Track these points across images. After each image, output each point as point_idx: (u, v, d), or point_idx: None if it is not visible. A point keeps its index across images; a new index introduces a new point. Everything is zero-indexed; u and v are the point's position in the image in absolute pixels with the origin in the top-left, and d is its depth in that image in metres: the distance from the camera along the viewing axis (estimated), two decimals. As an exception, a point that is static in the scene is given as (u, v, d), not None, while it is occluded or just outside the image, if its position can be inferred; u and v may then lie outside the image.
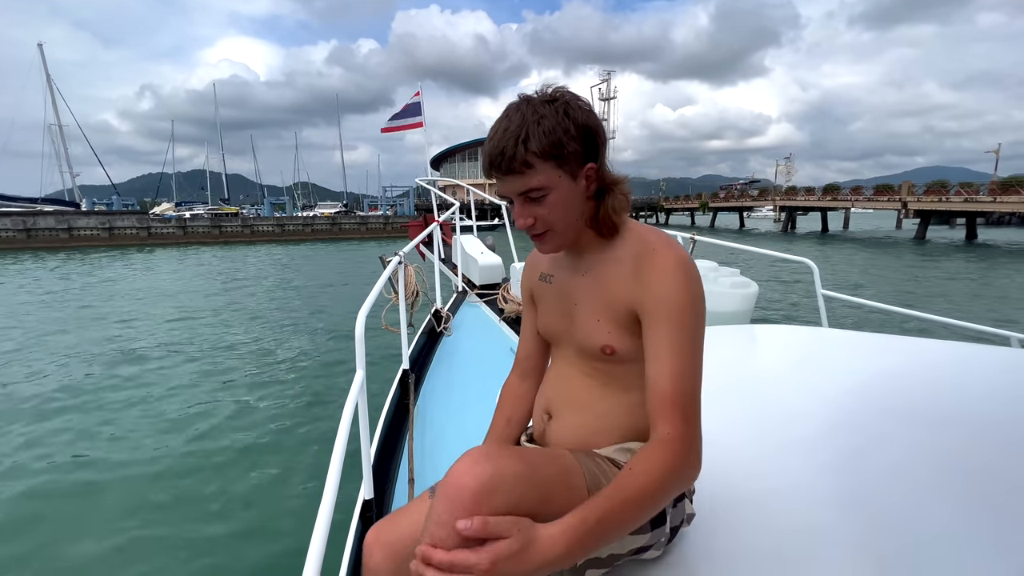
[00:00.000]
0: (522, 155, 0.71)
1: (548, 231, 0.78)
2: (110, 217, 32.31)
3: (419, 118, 8.50)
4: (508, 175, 0.74)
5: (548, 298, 0.91)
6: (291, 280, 15.17)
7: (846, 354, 1.74)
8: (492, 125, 0.76)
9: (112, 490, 3.68)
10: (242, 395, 5.55)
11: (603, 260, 0.82)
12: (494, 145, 0.73)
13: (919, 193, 32.24)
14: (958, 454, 1.02)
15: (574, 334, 0.84)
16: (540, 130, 0.71)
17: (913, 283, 13.95)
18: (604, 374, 0.82)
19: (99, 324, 9.16)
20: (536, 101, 0.74)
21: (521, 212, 0.77)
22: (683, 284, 0.72)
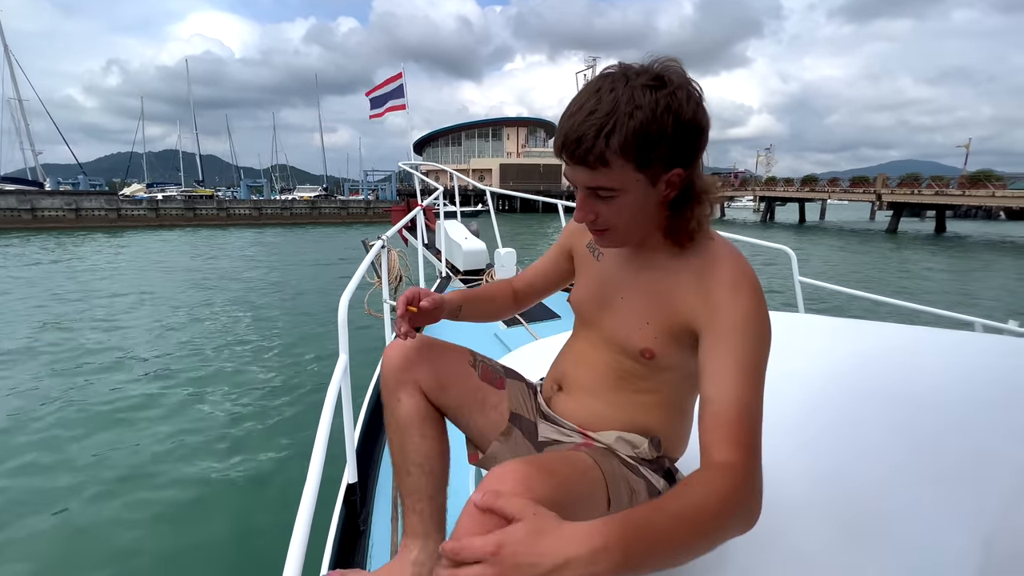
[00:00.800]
0: (601, 149, 0.61)
1: (609, 230, 0.71)
2: (76, 197, 30.94)
3: (402, 100, 8.33)
4: (579, 165, 0.64)
5: (590, 274, 0.87)
6: (270, 264, 14.85)
7: (821, 338, 1.78)
8: (576, 96, 0.65)
9: (87, 474, 3.59)
10: (226, 380, 5.45)
11: (666, 267, 0.75)
12: (572, 127, 0.62)
13: (893, 186, 33.18)
14: (926, 431, 1.06)
15: (608, 325, 0.81)
16: (632, 125, 0.60)
17: (885, 272, 14.42)
18: (629, 371, 0.80)
19: (69, 305, 8.85)
20: (638, 84, 0.61)
21: (583, 206, 0.69)
22: (753, 303, 0.67)
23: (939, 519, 0.81)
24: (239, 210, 34.92)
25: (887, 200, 32.87)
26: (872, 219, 43.95)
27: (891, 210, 33.26)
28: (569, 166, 0.66)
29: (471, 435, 0.91)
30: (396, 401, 0.85)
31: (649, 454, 0.80)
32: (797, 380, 1.40)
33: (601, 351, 0.83)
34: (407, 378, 0.84)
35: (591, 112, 0.61)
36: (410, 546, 0.83)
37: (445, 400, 0.87)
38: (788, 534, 0.81)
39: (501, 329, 2.93)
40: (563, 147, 0.65)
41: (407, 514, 0.84)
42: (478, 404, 0.88)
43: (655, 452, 0.81)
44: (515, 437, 0.88)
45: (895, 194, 32.49)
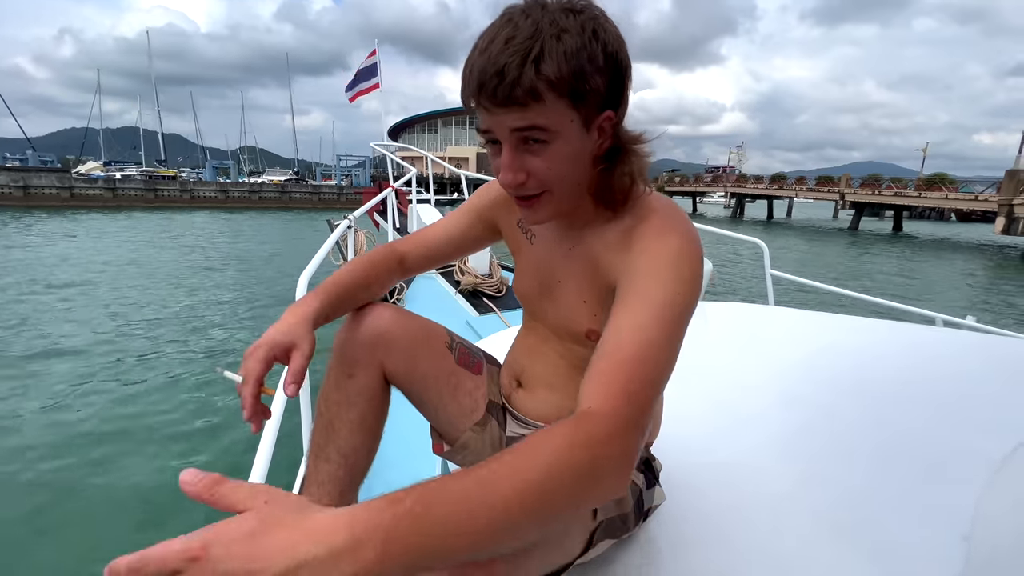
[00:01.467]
0: (531, 79, 0.50)
1: (544, 193, 0.59)
2: (24, 174, 29.02)
3: (376, 79, 8.07)
4: (504, 105, 0.52)
5: (527, 261, 0.78)
6: (233, 248, 14.31)
7: (792, 330, 1.82)
8: (484, 32, 0.54)
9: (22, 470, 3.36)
10: (167, 368, 5.18)
11: (597, 233, 0.66)
12: (489, 59, 0.51)
13: (855, 186, 34.57)
14: (897, 425, 1.07)
15: (552, 314, 0.74)
16: (560, 49, 0.51)
17: (847, 267, 15.03)
18: (580, 357, 0.71)
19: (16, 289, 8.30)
20: (553, 7, 0.53)
21: (511, 162, 0.56)
22: (675, 247, 0.57)
23: (914, 513, 0.81)
24: (204, 192, 33.51)
25: (850, 200, 34.27)
26: (835, 217, 45.74)
27: (853, 209, 34.67)
28: (489, 114, 0.54)
29: (437, 423, 0.84)
30: (347, 377, 0.73)
31: None
32: (770, 372, 1.42)
33: (552, 342, 0.77)
34: (372, 357, 0.74)
35: (509, 39, 0.51)
36: None
37: (413, 383, 0.78)
38: (761, 527, 0.80)
39: (472, 316, 2.87)
40: (480, 88, 0.52)
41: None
42: (450, 390, 0.80)
43: None
44: (490, 428, 0.82)
45: (857, 194, 33.90)
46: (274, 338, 0.61)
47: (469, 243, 0.85)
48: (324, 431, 0.74)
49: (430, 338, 0.79)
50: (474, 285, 3.27)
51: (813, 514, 0.82)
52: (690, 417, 1.14)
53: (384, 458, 0.85)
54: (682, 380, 1.32)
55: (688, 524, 0.81)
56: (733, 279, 11.66)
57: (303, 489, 0.74)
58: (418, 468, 1.43)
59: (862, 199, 33.65)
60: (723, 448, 1.03)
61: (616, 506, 0.69)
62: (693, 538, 0.78)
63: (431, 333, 0.80)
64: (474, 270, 3.31)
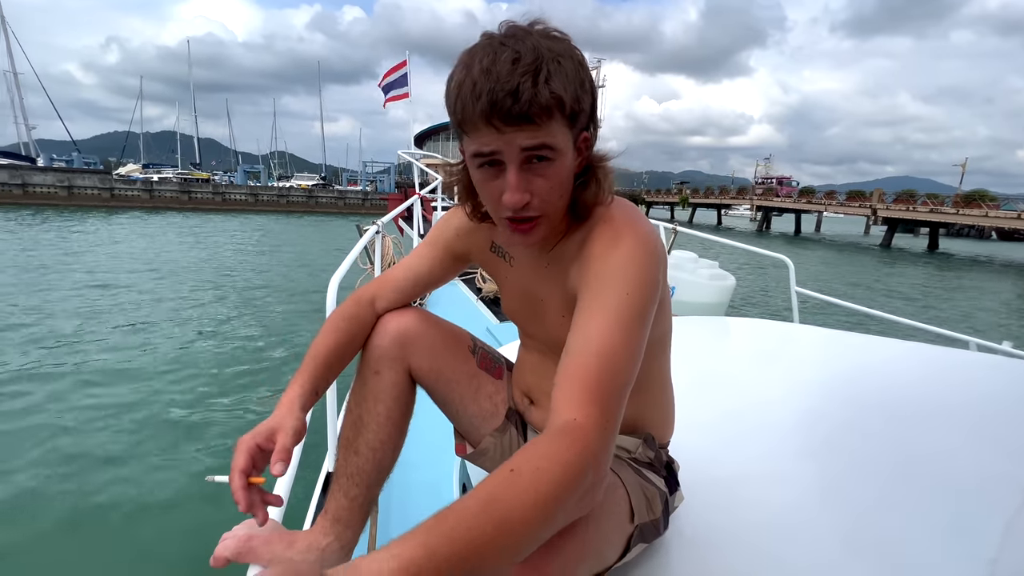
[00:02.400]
0: (545, 97, 0.52)
1: (541, 216, 0.60)
2: (70, 175, 30.51)
3: (405, 88, 8.27)
4: (517, 124, 0.53)
5: (511, 284, 0.79)
6: (264, 250, 14.72)
7: (815, 349, 1.79)
8: (474, 54, 0.55)
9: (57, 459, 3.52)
10: (204, 364, 5.37)
11: (563, 246, 0.68)
12: (499, 82, 0.52)
13: (889, 201, 33.48)
14: (925, 447, 1.06)
15: (542, 331, 0.77)
16: (562, 72, 0.54)
17: (877, 285, 14.54)
18: None
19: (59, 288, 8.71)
20: (537, 34, 0.55)
21: (518, 182, 0.57)
22: (628, 253, 0.59)
23: (938, 534, 0.80)
24: (235, 195, 34.63)
25: (882, 215, 33.18)
26: (867, 233, 44.37)
27: (886, 225, 33.57)
28: (499, 134, 0.54)
29: (460, 424, 0.87)
30: (374, 374, 0.76)
31: (644, 455, 0.77)
32: (790, 388, 1.41)
33: (549, 357, 0.76)
34: (398, 355, 0.77)
35: (515, 61, 0.52)
36: (327, 529, 0.73)
37: (437, 385, 0.81)
38: (781, 543, 0.79)
39: (493, 323, 2.90)
40: (493, 107, 0.52)
41: (335, 494, 0.75)
42: (472, 391, 0.83)
43: (649, 452, 0.78)
44: (509, 435, 0.84)
45: (891, 210, 32.80)
46: (259, 430, 0.62)
47: (436, 278, 0.84)
48: (353, 426, 0.77)
49: (453, 340, 0.82)
50: (495, 292, 3.30)
51: (830, 528, 0.82)
52: (707, 426, 1.14)
53: (405, 461, 0.88)
54: (701, 391, 1.33)
55: (705, 528, 0.81)
56: (753, 294, 11.42)
57: (334, 481, 0.77)
58: (437, 472, 1.46)
59: (896, 215, 32.55)
60: (739, 458, 1.03)
61: (649, 511, 0.70)
62: (710, 542, 0.79)
63: (455, 336, 0.83)
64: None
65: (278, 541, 0.68)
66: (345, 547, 0.74)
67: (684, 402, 0.90)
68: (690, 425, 1.09)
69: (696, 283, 2.79)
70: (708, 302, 2.79)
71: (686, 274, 3.16)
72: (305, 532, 0.73)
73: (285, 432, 0.62)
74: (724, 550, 0.77)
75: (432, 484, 1.44)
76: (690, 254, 3.10)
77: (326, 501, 0.76)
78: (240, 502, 0.58)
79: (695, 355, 1.64)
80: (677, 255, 3.12)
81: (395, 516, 1.33)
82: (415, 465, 1.45)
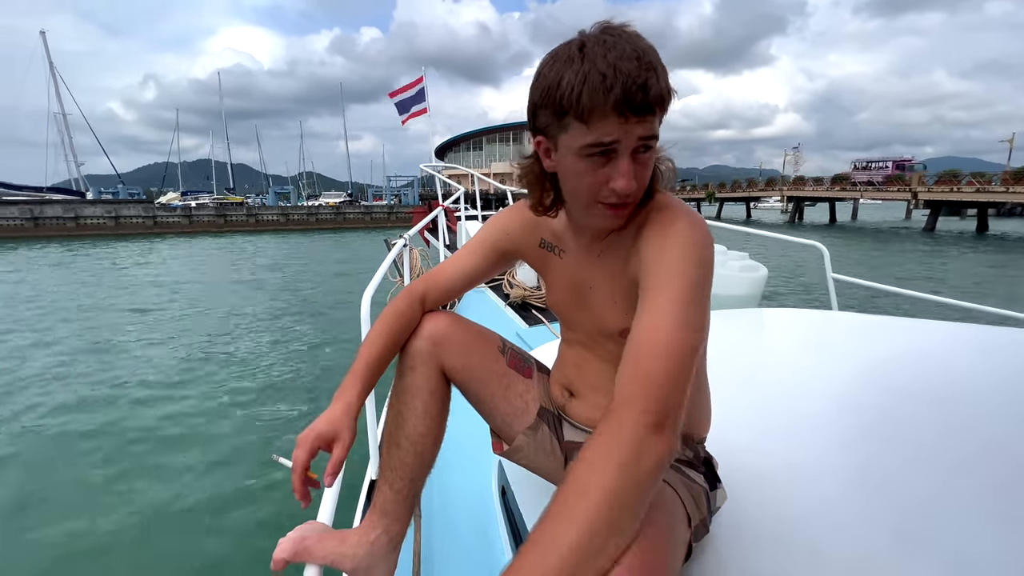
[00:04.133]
0: (664, 91, 0.58)
1: (632, 200, 0.65)
2: (116, 206, 32.39)
3: (423, 104, 8.45)
4: (641, 115, 0.58)
5: (560, 276, 0.83)
6: (297, 268, 15.23)
7: (854, 335, 1.74)
8: (593, 50, 0.58)
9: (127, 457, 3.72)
10: (248, 377, 5.58)
11: (618, 235, 0.72)
12: (630, 76, 0.56)
13: (930, 183, 31.85)
14: (971, 429, 1.02)
15: (589, 320, 0.80)
16: (664, 70, 0.59)
17: (922, 273, 13.83)
18: (620, 357, 0.76)
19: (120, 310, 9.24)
20: (634, 35, 0.60)
21: (631, 170, 0.61)
22: (686, 237, 0.63)
23: (995, 529, 0.76)
24: (267, 216, 35.93)
25: (923, 198, 31.59)
26: (908, 218, 42.34)
27: (928, 208, 31.94)
28: (624, 122, 0.58)
29: (493, 422, 0.89)
30: (410, 369, 0.81)
31: (684, 454, 0.77)
32: (828, 377, 1.37)
33: (592, 348, 0.81)
34: (433, 352, 0.81)
35: (638, 57, 0.57)
36: (375, 523, 0.78)
37: (469, 383, 0.85)
38: (829, 538, 0.77)
39: (523, 328, 2.92)
40: (626, 98, 0.56)
41: (382, 488, 0.80)
42: (502, 390, 0.86)
43: (688, 450, 0.78)
44: (542, 433, 0.87)
45: (932, 192, 31.19)
46: (321, 431, 0.68)
47: (482, 276, 0.89)
48: (395, 420, 0.82)
49: (484, 341, 0.86)
50: (523, 297, 3.32)
51: (878, 521, 0.79)
52: (746, 420, 1.12)
53: (445, 465, 0.92)
54: (737, 384, 1.31)
55: (750, 524, 0.80)
56: (788, 283, 11.05)
57: (379, 475, 0.82)
58: (476, 475, 1.49)
59: (938, 197, 30.93)
60: (780, 452, 1.01)
61: (697, 511, 0.70)
62: (755, 539, 0.77)
63: (485, 337, 0.87)
64: (523, 283, 3.36)
65: (330, 539, 0.73)
66: (393, 540, 0.78)
67: (721, 397, 0.89)
68: (728, 420, 1.07)
69: (727, 276, 2.74)
70: (740, 294, 2.73)
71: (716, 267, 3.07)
72: (355, 529, 0.78)
73: (342, 445, 0.68)
74: (769, 547, 0.76)
75: (471, 487, 1.47)
76: (720, 247, 3.05)
77: (373, 496, 0.80)
78: (297, 491, 0.66)
79: (729, 348, 1.61)
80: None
81: (437, 517, 1.36)
82: (455, 468, 1.48)
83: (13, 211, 28.32)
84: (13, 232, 27.58)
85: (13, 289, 11.68)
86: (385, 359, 0.79)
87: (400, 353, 0.82)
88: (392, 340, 0.80)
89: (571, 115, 0.59)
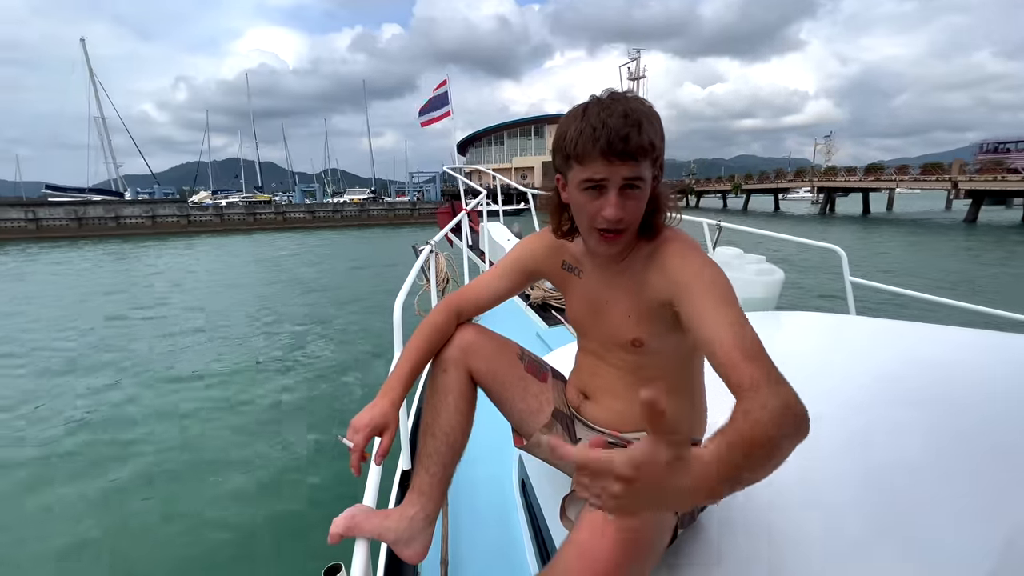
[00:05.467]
0: (646, 142, 0.73)
1: (624, 230, 0.80)
2: (153, 206, 33.73)
3: (447, 107, 8.59)
4: (623, 160, 0.74)
5: (579, 293, 0.96)
6: (326, 267, 15.66)
7: (869, 340, 1.72)
8: (591, 109, 0.75)
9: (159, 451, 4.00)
10: (287, 376, 5.86)
11: (633, 258, 0.87)
12: (614, 129, 0.72)
13: (971, 172, 30.29)
14: (978, 438, 1.01)
15: (603, 331, 0.92)
16: (652, 126, 0.75)
17: (963, 270, 13.25)
18: (631, 364, 0.89)
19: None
20: (631, 99, 0.76)
21: (618, 202, 0.76)
22: (699, 259, 0.79)
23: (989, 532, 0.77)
24: (294, 214, 36.80)
25: (964, 187, 30.06)
26: (948, 209, 40.38)
27: (970, 198, 30.42)
28: (609, 165, 0.74)
29: (512, 419, 1.02)
30: (443, 372, 0.96)
31: None
32: (840, 381, 1.35)
33: (606, 355, 0.94)
34: (462, 359, 0.96)
35: (626, 115, 0.73)
36: (413, 501, 0.93)
37: (493, 385, 0.98)
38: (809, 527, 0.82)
39: (543, 328, 3.02)
40: (609, 147, 0.73)
41: (419, 471, 0.95)
42: (520, 391, 0.99)
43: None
44: (556, 431, 0.99)
45: (974, 180, 29.65)
46: (374, 422, 0.84)
47: (511, 293, 1.05)
48: (431, 414, 0.96)
49: (504, 349, 1.01)
50: (543, 299, 3.42)
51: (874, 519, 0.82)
52: None
53: (470, 459, 1.04)
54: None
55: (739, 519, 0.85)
56: (815, 289, 10.79)
57: (417, 462, 0.96)
58: (497, 469, 1.62)
59: (980, 186, 29.37)
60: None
61: None
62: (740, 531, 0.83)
63: (505, 346, 1.01)
64: (543, 284, 3.46)
65: (375, 516, 0.89)
66: (428, 517, 0.92)
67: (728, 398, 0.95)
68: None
69: (742, 279, 2.76)
70: (756, 297, 2.75)
71: (732, 271, 3.06)
72: (396, 508, 0.93)
73: (389, 434, 0.85)
74: (757, 536, 0.81)
75: (493, 479, 1.59)
76: (735, 250, 3.07)
77: (412, 478, 0.95)
78: (355, 467, 0.82)
79: None
80: (722, 252, 3.08)
81: (463, 506, 1.49)
82: (479, 462, 1.60)
83: (60, 212, 29.85)
84: (60, 232, 29.03)
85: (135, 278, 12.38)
86: (423, 365, 0.95)
87: (434, 358, 0.98)
88: (430, 349, 0.96)
89: (573, 158, 0.78)
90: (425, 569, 1.15)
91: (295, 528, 3.15)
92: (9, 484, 3.71)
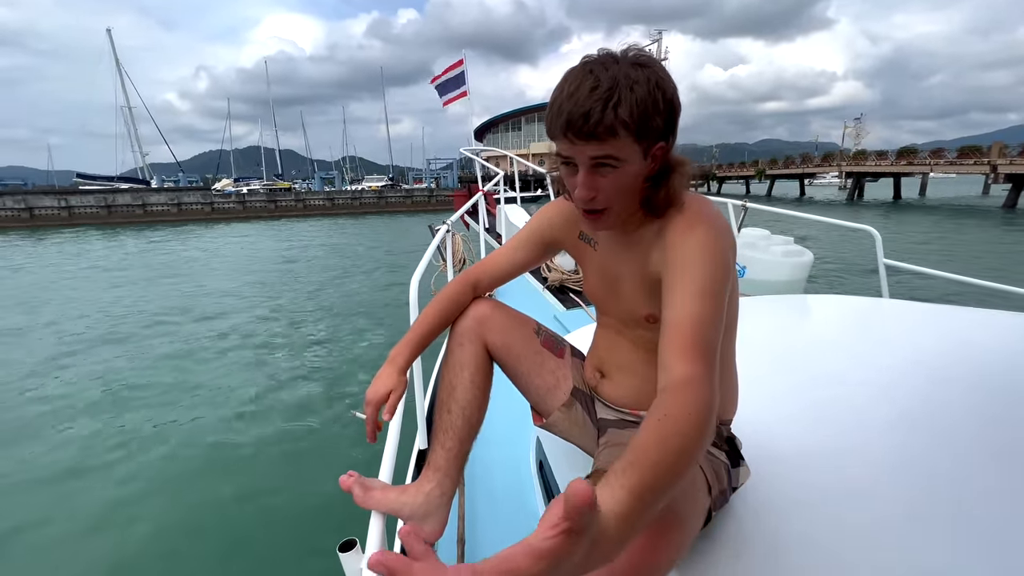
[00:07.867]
0: (610, 120, 0.65)
1: (607, 209, 0.75)
2: (178, 193, 34.56)
3: (464, 87, 8.48)
4: (585, 139, 0.67)
5: (593, 266, 0.92)
6: (345, 252, 15.87)
7: (901, 323, 1.70)
8: (567, 78, 0.68)
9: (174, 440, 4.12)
10: (303, 357, 5.96)
11: (642, 234, 0.81)
12: (576, 104, 0.65)
13: (1012, 154, 28.84)
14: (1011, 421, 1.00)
15: (618, 306, 0.88)
16: (633, 97, 0.65)
17: (1001, 257, 12.69)
18: (649, 341, 0.85)
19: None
20: (626, 63, 0.67)
21: (586, 182, 0.71)
22: (702, 237, 0.71)
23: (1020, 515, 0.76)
24: (314, 201, 37.28)
25: (1004, 171, 28.69)
26: (985, 194, 38.71)
27: (1009, 183, 29.04)
28: (572, 144, 0.69)
29: (530, 396, 0.99)
30: (459, 346, 0.93)
31: None
32: (873, 364, 1.36)
33: (621, 331, 0.90)
34: (478, 331, 0.93)
35: (593, 89, 0.65)
36: (429, 477, 0.89)
37: (508, 359, 0.95)
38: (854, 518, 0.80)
39: (560, 311, 2.98)
40: (568, 125, 0.67)
41: (435, 447, 0.91)
42: (536, 367, 0.96)
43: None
44: (576, 410, 0.96)
45: (1015, 164, 28.25)
46: (380, 391, 0.85)
47: (529, 266, 1.00)
48: (446, 389, 0.93)
49: (520, 324, 0.97)
50: (561, 281, 3.37)
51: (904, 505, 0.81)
52: (778, 407, 1.14)
53: (487, 440, 1.02)
54: (774, 369, 1.33)
55: (772, 497, 0.84)
56: (847, 269, 10.47)
57: (432, 437, 0.93)
58: (515, 450, 1.60)
59: (1022, 170, 28.01)
60: (810, 435, 1.04)
61: (718, 481, 0.76)
62: (778, 511, 0.81)
63: (521, 320, 0.98)
64: (560, 267, 3.41)
65: (392, 491, 0.86)
66: (444, 494, 0.89)
67: (757, 381, 0.92)
68: (762, 404, 1.10)
69: (769, 261, 2.67)
70: (783, 280, 2.66)
71: (758, 252, 3.01)
72: (412, 484, 0.90)
73: (396, 393, 0.86)
74: (794, 516, 0.80)
75: (510, 460, 1.58)
76: (762, 231, 2.96)
77: (428, 454, 0.92)
78: (370, 435, 0.85)
79: (769, 334, 1.61)
80: (747, 233, 2.98)
81: (480, 486, 1.47)
82: (496, 443, 1.59)
83: (90, 200, 30.80)
84: (90, 219, 30.00)
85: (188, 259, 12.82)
86: (435, 333, 0.93)
87: (450, 331, 0.94)
88: (443, 319, 0.93)
89: (548, 133, 0.73)
90: (441, 547, 1.14)
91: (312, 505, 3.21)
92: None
